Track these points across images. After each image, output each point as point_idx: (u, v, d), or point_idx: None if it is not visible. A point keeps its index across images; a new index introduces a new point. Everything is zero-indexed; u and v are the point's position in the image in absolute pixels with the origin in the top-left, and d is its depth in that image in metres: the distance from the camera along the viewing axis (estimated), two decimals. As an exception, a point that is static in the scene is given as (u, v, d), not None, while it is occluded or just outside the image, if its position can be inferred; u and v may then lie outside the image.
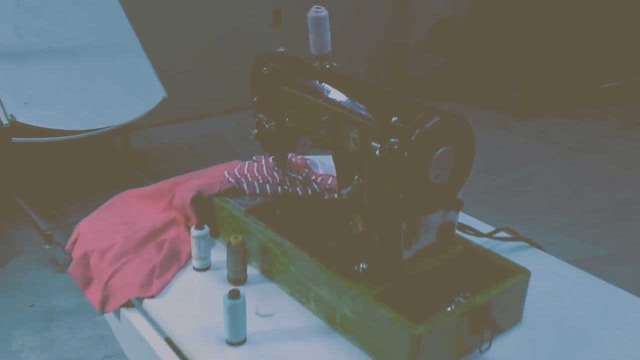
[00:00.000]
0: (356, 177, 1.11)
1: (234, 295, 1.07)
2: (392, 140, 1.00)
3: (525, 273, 1.15)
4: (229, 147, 4.07)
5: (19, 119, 2.67)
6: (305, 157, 1.55)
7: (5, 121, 2.66)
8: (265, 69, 1.27)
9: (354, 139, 1.07)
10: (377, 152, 1.02)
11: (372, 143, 1.03)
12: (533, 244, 1.43)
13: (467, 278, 1.18)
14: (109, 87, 3.01)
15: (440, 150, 1.02)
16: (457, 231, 1.23)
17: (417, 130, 0.99)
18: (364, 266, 1.12)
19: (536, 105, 4.74)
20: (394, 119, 1.02)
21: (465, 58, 4.90)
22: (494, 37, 4.74)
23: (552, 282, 1.30)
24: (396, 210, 1.07)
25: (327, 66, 1.18)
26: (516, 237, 1.43)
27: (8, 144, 2.69)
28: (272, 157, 1.42)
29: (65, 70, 2.96)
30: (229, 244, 1.24)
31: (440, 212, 1.13)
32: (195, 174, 1.58)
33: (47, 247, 2.87)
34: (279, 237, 1.23)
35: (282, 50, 1.31)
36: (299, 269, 1.19)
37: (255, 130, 1.33)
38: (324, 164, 1.55)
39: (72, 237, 1.44)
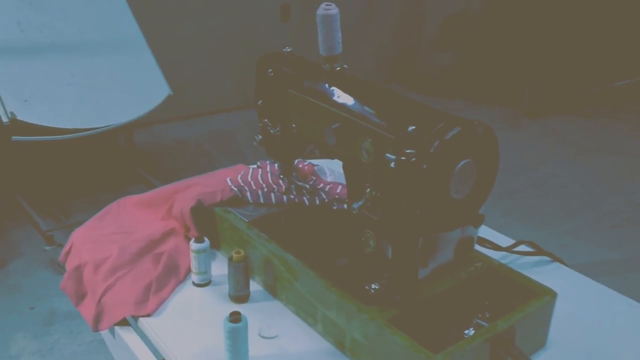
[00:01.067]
0: (368, 189, 1.02)
1: (234, 318, 0.98)
2: (409, 151, 0.91)
3: (551, 294, 1.06)
4: (235, 145, 3.99)
5: (19, 117, 2.60)
6: (313, 162, 1.46)
7: (5, 119, 2.58)
8: (270, 70, 1.18)
9: (366, 149, 0.98)
10: (392, 165, 0.93)
11: (387, 154, 0.94)
12: (555, 258, 1.34)
13: (486, 298, 1.09)
14: (112, 84, 2.94)
15: (462, 163, 0.93)
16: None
17: (437, 142, 0.90)
18: (376, 287, 1.03)
19: (549, 104, 4.64)
20: (410, 128, 0.93)
21: (476, 55, 4.80)
22: (506, 34, 4.64)
23: (577, 301, 1.21)
24: (412, 227, 0.98)
25: (338, 68, 1.09)
26: (538, 252, 1.34)
27: (8, 142, 2.62)
28: (277, 163, 1.33)
29: (68, 67, 2.89)
30: (230, 259, 1.16)
31: (458, 228, 1.04)
32: (196, 179, 1.50)
33: (47, 248, 2.80)
34: (284, 252, 1.15)
35: (288, 49, 1.22)
36: (305, 287, 1.10)
37: (260, 136, 1.24)
38: (332, 171, 1.46)
39: (66, 248, 1.36)
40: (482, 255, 1.16)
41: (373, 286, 1.03)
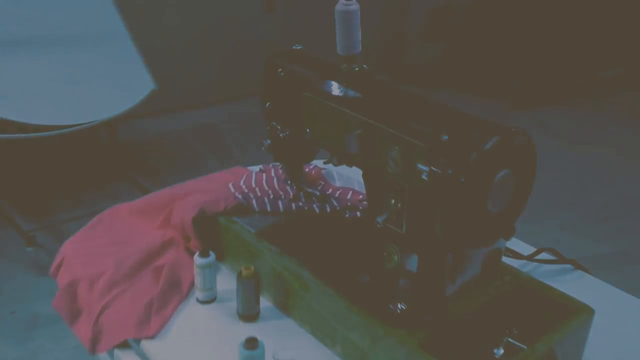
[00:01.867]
0: (393, 201, 0.94)
1: (251, 345, 0.90)
2: (444, 161, 0.83)
3: (588, 312, 0.99)
4: (220, 139, 3.88)
5: (-3, 114, 2.48)
6: (320, 166, 1.38)
7: (-18, 115, 2.46)
8: (280, 70, 1.09)
9: (393, 158, 0.90)
10: (424, 176, 0.85)
11: (419, 165, 0.86)
12: (578, 265, 1.27)
13: (517, 315, 1.02)
14: (94, 79, 2.82)
15: (501, 174, 0.85)
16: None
17: (476, 152, 0.82)
18: (403, 306, 0.95)
19: (536, 95, 4.60)
20: (444, 136, 0.85)
21: (463, 46, 4.74)
22: (493, 25, 4.59)
23: (608, 314, 1.14)
24: (444, 242, 0.90)
25: (357, 69, 1.00)
26: (560, 260, 1.27)
27: (-14, 139, 2.51)
28: (282, 167, 1.24)
29: (48, 61, 2.77)
30: (239, 275, 1.07)
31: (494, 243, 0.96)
32: (193, 184, 1.40)
33: (29, 249, 2.68)
34: (298, 267, 1.06)
35: (298, 47, 1.13)
36: (323, 306, 1.02)
37: (269, 141, 1.15)
38: (341, 175, 1.37)
39: (56, 261, 1.26)
40: (509, 267, 1.08)
41: (399, 306, 0.95)
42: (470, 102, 4.44)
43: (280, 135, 1.13)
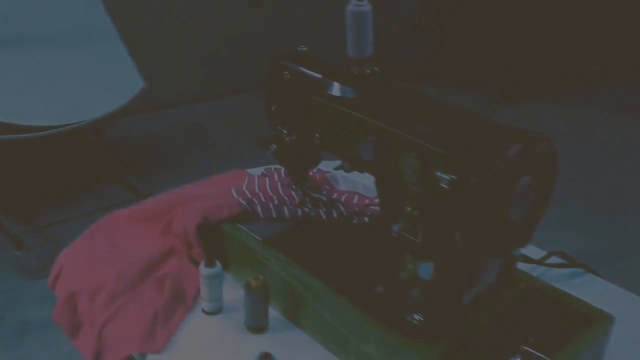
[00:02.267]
0: (408, 209, 0.91)
1: (265, 360, 0.87)
2: (465, 169, 0.80)
3: (609, 319, 0.97)
4: (208, 137, 3.84)
5: (-18, 115, 2.43)
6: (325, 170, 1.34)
7: (-35, 117, 2.40)
8: (286, 73, 1.05)
9: (411, 165, 0.87)
10: (443, 184, 0.82)
11: (438, 172, 0.83)
12: (588, 269, 1.25)
13: (534, 323, 0.99)
14: (82, 78, 2.77)
15: (522, 181, 0.82)
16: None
17: (499, 159, 0.79)
18: (420, 317, 0.92)
19: (524, 89, 4.60)
20: (465, 142, 0.82)
21: (452, 42, 4.72)
22: (481, 20, 4.58)
23: (623, 319, 1.12)
24: (462, 252, 0.87)
25: (368, 71, 0.97)
26: (571, 263, 1.24)
27: (-29, 141, 2.45)
28: (287, 172, 1.20)
29: (34, 60, 2.71)
30: (248, 286, 1.03)
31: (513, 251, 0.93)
32: (193, 189, 1.37)
33: (17, 253, 2.63)
34: (308, 277, 1.03)
35: (304, 49, 1.09)
36: (336, 317, 0.99)
37: (275, 146, 1.11)
38: (346, 179, 1.34)
39: (54, 272, 1.22)
40: (523, 274, 1.06)
41: (416, 317, 0.92)
42: (459, 97, 4.43)
43: (287, 140, 1.10)
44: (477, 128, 0.85)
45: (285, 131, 1.10)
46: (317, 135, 1.01)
